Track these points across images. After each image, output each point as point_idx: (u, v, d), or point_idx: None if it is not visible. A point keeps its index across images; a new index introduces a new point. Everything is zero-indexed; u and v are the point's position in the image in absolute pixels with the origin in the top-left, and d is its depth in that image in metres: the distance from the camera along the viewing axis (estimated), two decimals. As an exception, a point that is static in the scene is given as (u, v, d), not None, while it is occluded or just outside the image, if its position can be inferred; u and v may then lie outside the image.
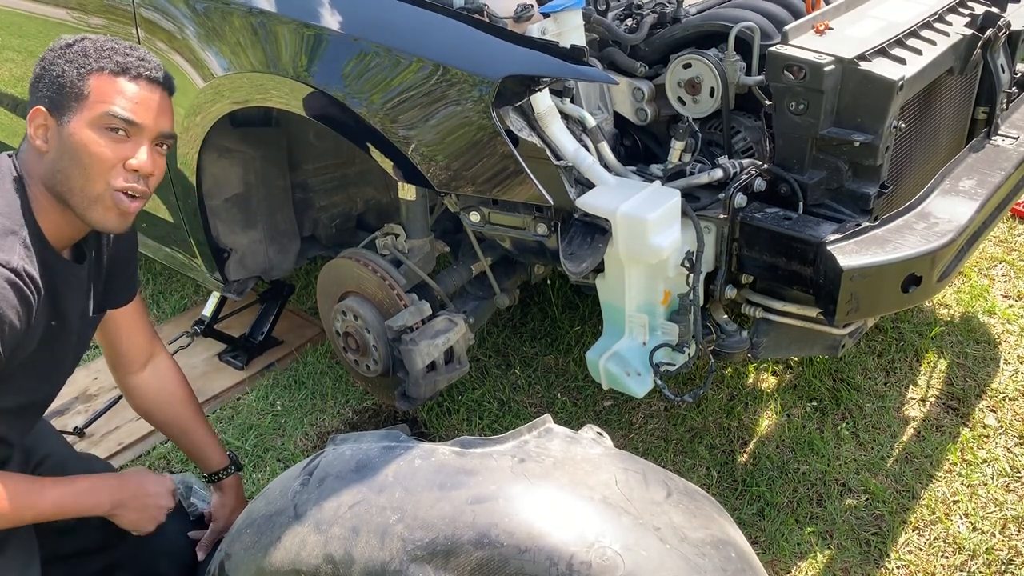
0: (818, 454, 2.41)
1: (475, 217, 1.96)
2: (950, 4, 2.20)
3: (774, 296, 1.96)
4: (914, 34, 2.02)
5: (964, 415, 2.53)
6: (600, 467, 1.29)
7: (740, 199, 1.85)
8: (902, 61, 1.89)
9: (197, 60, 2.11)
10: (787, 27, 1.89)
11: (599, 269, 1.93)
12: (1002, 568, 2.08)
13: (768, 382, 2.70)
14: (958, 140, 2.37)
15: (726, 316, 2.10)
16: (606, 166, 1.88)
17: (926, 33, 2.05)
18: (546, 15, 1.83)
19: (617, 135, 2.12)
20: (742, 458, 2.43)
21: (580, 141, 1.85)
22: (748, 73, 1.92)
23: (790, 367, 2.75)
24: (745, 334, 2.03)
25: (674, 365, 1.96)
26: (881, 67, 1.83)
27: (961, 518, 2.22)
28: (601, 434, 1.42)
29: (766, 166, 1.91)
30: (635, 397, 2.12)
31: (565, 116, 1.85)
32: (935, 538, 2.17)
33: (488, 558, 1.15)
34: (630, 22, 2.10)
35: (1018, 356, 2.75)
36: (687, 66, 1.94)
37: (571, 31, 1.85)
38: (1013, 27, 2.24)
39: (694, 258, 1.84)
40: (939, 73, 2.03)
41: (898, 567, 2.10)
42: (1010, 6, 2.33)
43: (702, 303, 1.97)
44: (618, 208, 1.74)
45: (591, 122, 1.88)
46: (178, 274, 3.36)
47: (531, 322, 3.02)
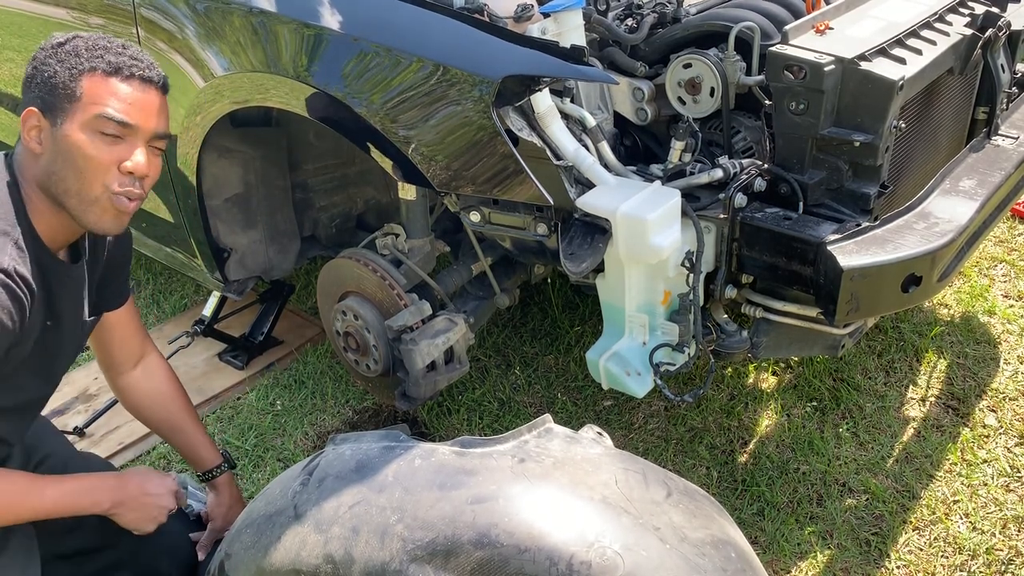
0: (818, 454, 2.41)
1: (475, 217, 1.96)
2: (950, 4, 2.20)
3: (774, 296, 1.96)
4: (914, 34, 2.02)
5: (964, 415, 2.53)
6: (600, 467, 1.29)
7: (740, 199, 1.85)
8: (902, 61, 1.89)
9: (197, 60, 2.11)
10: (787, 27, 1.89)
11: (599, 269, 1.93)
12: (1002, 568, 2.08)
13: (768, 382, 2.70)
14: (958, 140, 2.37)
15: (726, 316, 2.10)
16: (606, 166, 1.88)
17: (926, 33, 2.05)
18: (546, 15, 1.83)
19: (617, 135, 2.12)
20: (742, 458, 2.43)
21: (580, 141, 1.85)
22: (748, 73, 1.92)
23: (790, 367, 2.75)
24: (745, 334, 2.03)
25: (674, 365, 1.96)
26: (881, 67, 1.83)
27: (961, 518, 2.22)
28: (601, 434, 1.42)
29: (766, 166, 1.91)
30: (635, 397, 2.12)
31: (565, 116, 1.85)
32: (935, 538, 2.17)
33: (488, 558, 1.15)
34: (630, 22, 2.10)
35: (1018, 356, 2.75)
36: (687, 66, 1.94)
37: (571, 31, 1.85)
38: (1013, 27, 2.24)
39: (694, 258, 1.84)
40: (939, 73, 2.03)
41: (898, 567, 2.10)
42: (1010, 6, 2.33)
43: (702, 303, 1.97)
44: (618, 208, 1.74)
45: (591, 122, 1.88)
46: (178, 274, 3.36)
47: (531, 322, 3.02)
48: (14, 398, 1.52)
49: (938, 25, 2.10)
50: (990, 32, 2.10)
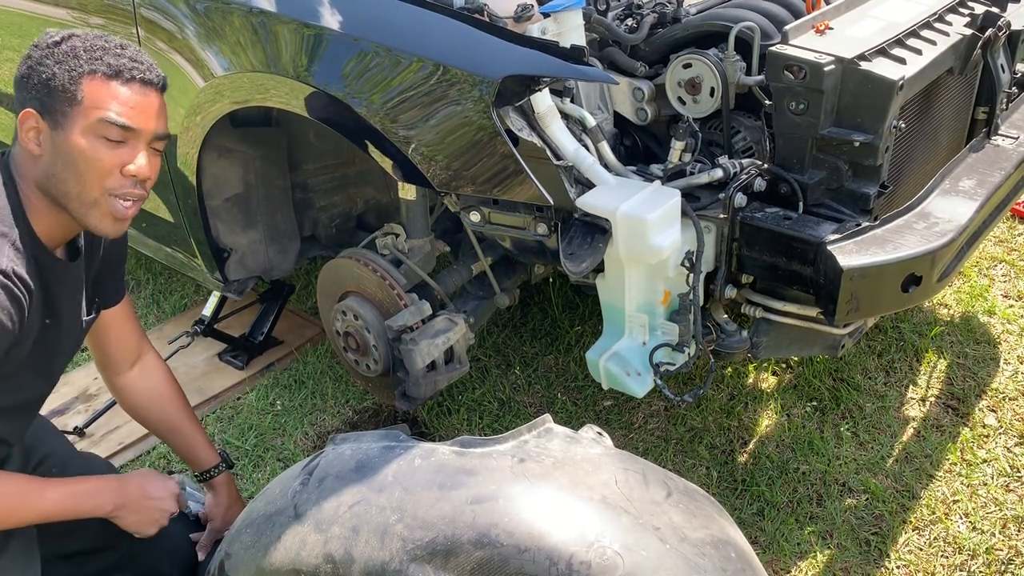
0: (818, 454, 2.41)
1: (475, 217, 1.96)
2: (950, 4, 2.20)
3: (774, 296, 1.96)
4: (914, 34, 2.02)
5: (964, 415, 2.53)
6: (600, 467, 1.29)
7: (740, 199, 1.85)
8: (902, 61, 1.89)
9: (197, 60, 2.11)
10: (787, 27, 1.89)
11: (599, 269, 1.93)
12: (1002, 568, 2.08)
13: (768, 382, 2.70)
14: (958, 140, 2.37)
15: (726, 316, 2.10)
16: (606, 166, 1.88)
17: (926, 33, 2.05)
18: (546, 15, 1.83)
19: (617, 135, 2.12)
20: (742, 458, 2.43)
21: (580, 141, 1.85)
22: (748, 73, 1.92)
23: (790, 367, 2.75)
24: (745, 334, 2.03)
25: (674, 365, 1.96)
26: (881, 67, 1.83)
27: (961, 518, 2.22)
28: (601, 434, 1.42)
29: (766, 166, 1.91)
30: (635, 397, 2.12)
31: (565, 116, 1.85)
32: (935, 538, 2.17)
33: (488, 558, 1.15)
34: (630, 22, 2.10)
35: (1018, 356, 2.75)
36: (687, 66, 1.94)
37: (571, 31, 1.85)
38: (1013, 27, 2.24)
39: (694, 258, 1.84)
40: (939, 73, 2.03)
41: (898, 567, 2.10)
42: (1010, 6, 2.33)
43: (702, 303, 1.97)
44: (618, 208, 1.74)
45: (591, 122, 1.88)
46: (178, 274, 3.36)
47: (531, 322, 3.02)
48: (13, 397, 1.53)
49: (938, 25, 2.10)
50: (990, 32, 2.10)
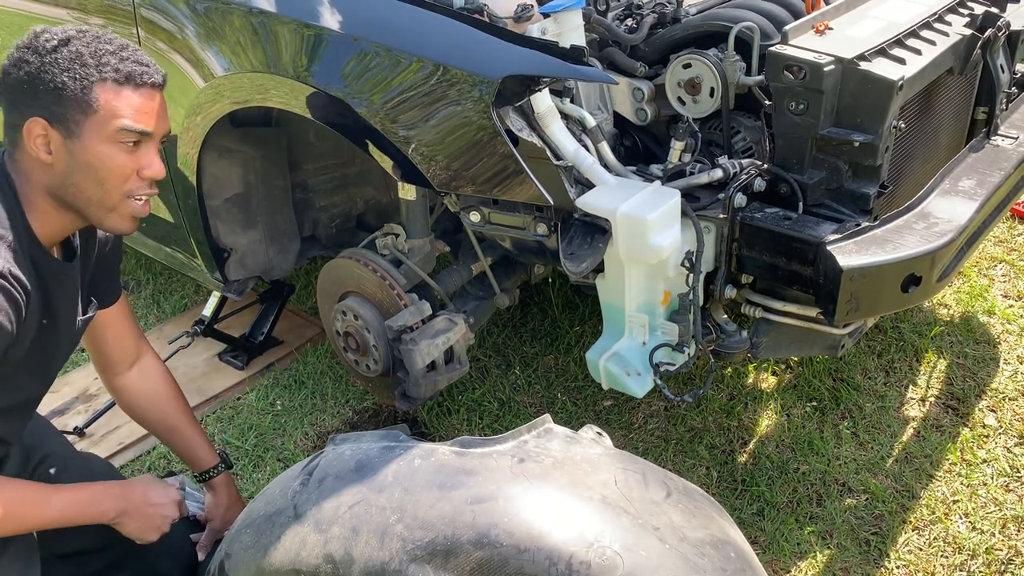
0: (818, 454, 2.41)
1: (475, 217, 1.96)
2: (950, 4, 2.20)
3: (774, 296, 1.96)
4: (914, 34, 2.02)
5: (964, 415, 2.53)
6: (600, 467, 1.29)
7: (740, 199, 1.85)
8: (902, 61, 1.89)
9: (197, 60, 2.11)
10: (787, 27, 1.89)
11: (599, 269, 1.93)
12: (1002, 568, 2.08)
13: (768, 382, 2.70)
14: (958, 140, 2.37)
15: (726, 316, 2.10)
16: (606, 166, 1.88)
17: (926, 33, 2.05)
18: (546, 15, 1.83)
19: (617, 135, 2.12)
20: (742, 458, 2.43)
21: (580, 141, 1.85)
22: (748, 73, 1.92)
23: (790, 367, 2.75)
24: (745, 334, 2.03)
25: (674, 365, 1.96)
26: (881, 67, 1.83)
27: (961, 518, 2.22)
28: (601, 434, 1.42)
29: (766, 166, 1.91)
30: (635, 397, 2.12)
31: (565, 116, 1.85)
32: (935, 538, 2.17)
33: (488, 558, 1.15)
34: (630, 22, 2.10)
35: (1018, 356, 2.75)
36: (687, 66, 1.94)
37: (571, 31, 1.85)
38: (1013, 27, 2.24)
39: (694, 258, 1.84)
40: (939, 73, 2.03)
41: (898, 567, 2.10)
42: (1010, 6, 2.33)
43: (702, 303, 1.97)
44: (618, 208, 1.74)
45: (591, 122, 1.88)
46: (178, 274, 3.36)
47: (531, 322, 3.02)
48: (11, 398, 1.53)
49: (938, 25, 2.10)
50: (989, 32, 2.10)
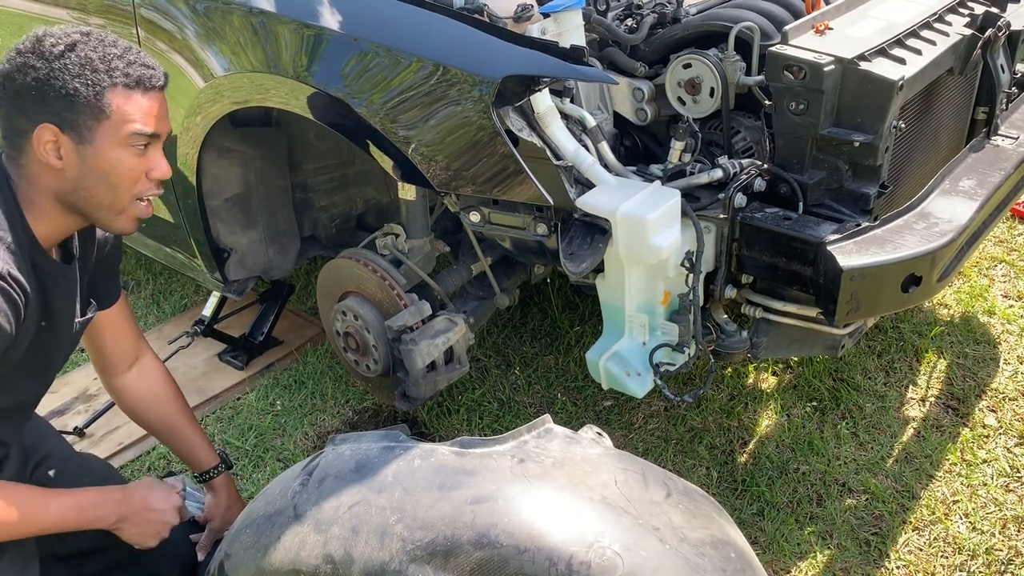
0: (818, 454, 2.41)
1: (475, 217, 1.96)
2: (950, 4, 2.20)
3: (774, 296, 1.96)
4: (914, 34, 2.02)
5: (964, 415, 2.53)
6: (600, 467, 1.29)
7: (740, 199, 1.85)
8: (902, 61, 1.89)
9: (197, 60, 2.11)
10: (787, 27, 1.89)
11: (599, 269, 1.93)
12: (1002, 568, 2.08)
13: (768, 382, 2.70)
14: (958, 140, 2.37)
15: (726, 316, 2.10)
16: (606, 166, 1.88)
17: (926, 33, 2.05)
18: (546, 15, 1.83)
19: (617, 135, 2.12)
20: (742, 458, 2.43)
21: (580, 141, 1.85)
22: (748, 73, 1.92)
23: (790, 367, 2.75)
24: (745, 334, 2.03)
25: (674, 365, 1.96)
26: (881, 67, 1.83)
27: (961, 518, 2.22)
28: (601, 434, 1.42)
29: (766, 166, 1.91)
30: (635, 397, 2.12)
31: (565, 116, 1.85)
32: (935, 538, 2.17)
33: (487, 558, 1.15)
34: (630, 22, 2.10)
35: (1018, 356, 2.75)
36: (687, 66, 1.94)
37: (571, 31, 1.85)
38: (1013, 27, 2.24)
39: (694, 258, 1.84)
40: (939, 73, 2.03)
41: (898, 567, 2.10)
42: (1010, 6, 2.33)
43: (702, 303, 1.97)
44: (618, 208, 1.74)
45: (591, 122, 1.88)
46: (178, 274, 3.36)
47: (531, 322, 3.02)
48: (9, 399, 1.53)
49: (938, 25, 2.10)
50: (990, 32, 2.10)
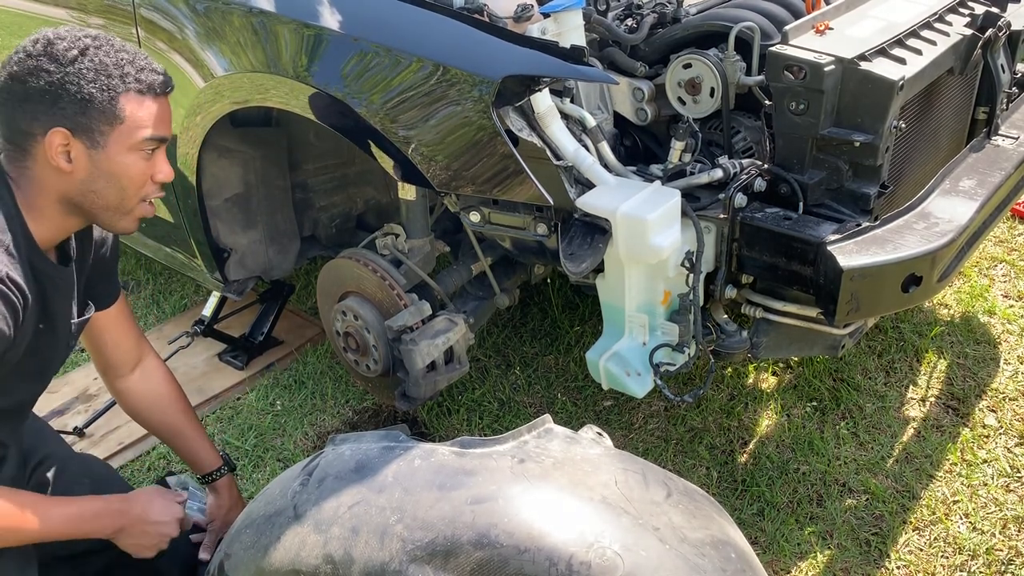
0: (818, 454, 2.41)
1: (475, 217, 1.96)
2: (950, 4, 2.20)
3: (774, 296, 1.96)
4: (914, 34, 2.02)
5: (964, 415, 2.53)
6: (600, 467, 1.29)
7: (740, 199, 1.85)
8: (902, 61, 1.89)
9: (197, 60, 2.11)
10: (787, 27, 1.89)
11: (599, 269, 1.93)
12: (1002, 568, 2.08)
13: (768, 382, 2.70)
14: (958, 140, 2.37)
15: (726, 316, 2.10)
16: (606, 166, 1.88)
17: (926, 33, 2.05)
18: (546, 15, 1.83)
19: (617, 135, 2.12)
20: (742, 458, 2.43)
21: (580, 141, 1.85)
22: (748, 73, 1.91)
23: (790, 367, 2.75)
24: (745, 334, 2.03)
25: (674, 365, 1.96)
26: (881, 67, 1.83)
27: (961, 518, 2.22)
28: (601, 434, 1.42)
29: (766, 166, 1.91)
30: (635, 397, 2.12)
31: (565, 116, 1.85)
32: (935, 538, 2.17)
33: (488, 558, 1.15)
34: (630, 22, 2.10)
35: (1018, 356, 2.75)
36: (687, 66, 1.94)
37: (571, 31, 1.85)
38: (1013, 27, 2.24)
39: (694, 258, 1.84)
40: (939, 73, 2.03)
41: (898, 567, 2.10)
42: (1010, 6, 2.33)
43: (702, 303, 1.97)
44: (618, 208, 1.74)
45: (591, 122, 1.88)
46: (178, 274, 3.36)
47: (531, 322, 3.02)
48: (6, 400, 1.53)
49: (938, 25, 2.10)
50: (990, 32, 2.10)
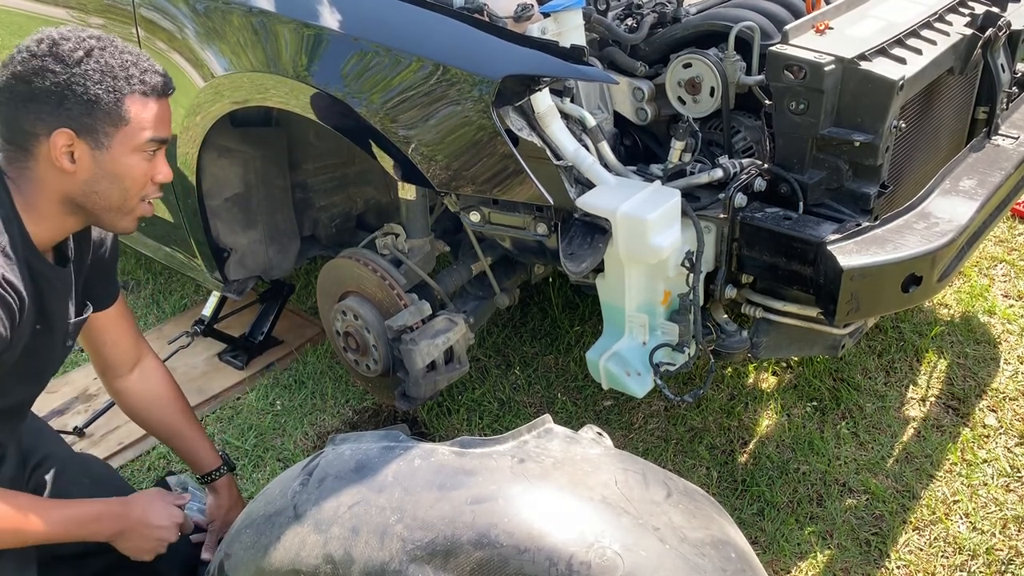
0: (818, 454, 2.41)
1: (475, 217, 1.96)
2: (950, 4, 2.20)
3: (774, 296, 1.96)
4: (914, 34, 2.02)
5: (964, 415, 2.53)
6: (600, 467, 1.29)
7: (740, 199, 1.85)
8: (902, 61, 1.89)
9: (197, 60, 2.11)
10: (787, 27, 1.89)
11: (599, 269, 1.93)
12: (1002, 568, 2.08)
13: (768, 382, 2.70)
14: (958, 140, 2.37)
15: (726, 316, 2.10)
16: (606, 166, 1.88)
17: (926, 33, 2.05)
18: (546, 15, 1.83)
19: (617, 135, 2.12)
20: (742, 458, 2.43)
21: (580, 141, 1.85)
22: (748, 73, 1.91)
23: (790, 367, 2.75)
24: (745, 334, 2.03)
25: (674, 365, 1.96)
26: (881, 67, 1.82)
27: (961, 518, 2.22)
28: (601, 434, 1.42)
29: (766, 166, 1.91)
30: (635, 397, 2.12)
31: (565, 116, 1.85)
32: (935, 538, 2.16)
33: (487, 558, 1.15)
34: (630, 22, 2.10)
35: (1018, 356, 2.75)
36: (687, 66, 1.94)
37: (571, 31, 1.85)
38: (1013, 27, 2.24)
39: (694, 258, 1.84)
40: (939, 73, 2.03)
41: (898, 567, 2.10)
42: (1010, 6, 2.33)
43: (702, 303, 1.97)
44: (618, 208, 1.74)
45: (591, 122, 1.87)
46: (178, 274, 3.36)
47: (531, 322, 3.02)
48: (4, 401, 1.53)
49: (938, 25, 2.10)
50: (990, 32, 2.10)
